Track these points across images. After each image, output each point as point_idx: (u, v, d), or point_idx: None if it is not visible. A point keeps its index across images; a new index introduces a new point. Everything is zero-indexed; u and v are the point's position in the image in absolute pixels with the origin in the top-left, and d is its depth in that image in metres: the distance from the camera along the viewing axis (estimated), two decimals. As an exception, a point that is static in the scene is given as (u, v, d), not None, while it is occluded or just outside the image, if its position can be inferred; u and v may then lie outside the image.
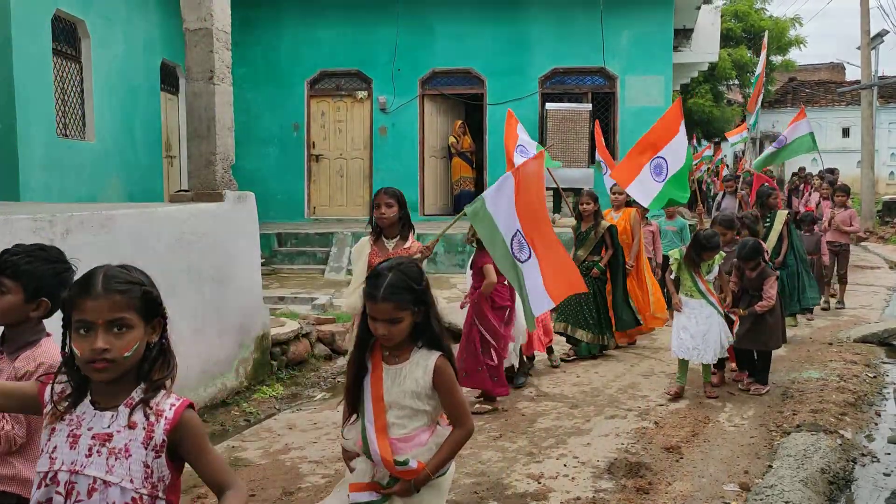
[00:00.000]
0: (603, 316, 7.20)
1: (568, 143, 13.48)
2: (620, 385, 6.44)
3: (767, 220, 8.23)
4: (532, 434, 5.28)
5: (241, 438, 5.32)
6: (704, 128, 25.22)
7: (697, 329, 5.93)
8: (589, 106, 13.96)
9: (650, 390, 6.30)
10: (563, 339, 7.38)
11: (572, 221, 7.63)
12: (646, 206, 7.69)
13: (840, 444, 4.95)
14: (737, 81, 28.26)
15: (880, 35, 21.19)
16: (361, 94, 14.81)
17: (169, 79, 12.81)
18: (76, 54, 10.23)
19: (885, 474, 4.77)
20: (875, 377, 6.72)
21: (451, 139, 14.99)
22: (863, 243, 17.93)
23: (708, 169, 22.58)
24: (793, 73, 33.57)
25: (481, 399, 5.85)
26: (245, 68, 13.38)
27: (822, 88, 34.88)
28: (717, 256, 5.98)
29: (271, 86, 14.67)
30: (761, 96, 12.19)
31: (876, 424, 5.64)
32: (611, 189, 8.19)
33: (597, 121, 11.96)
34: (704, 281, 5.98)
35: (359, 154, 14.92)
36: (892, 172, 32.62)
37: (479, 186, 14.39)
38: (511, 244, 4.80)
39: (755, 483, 4.38)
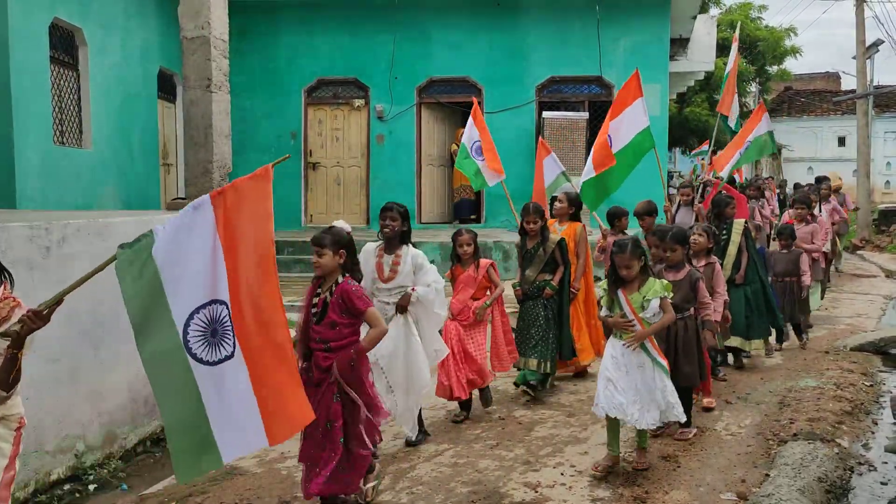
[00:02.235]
0: (553, 340, 6.24)
1: (565, 151, 13.48)
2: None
3: (724, 231, 7.16)
4: (529, 443, 5.27)
5: (237, 447, 5.29)
6: (700, 136, 25.29)
7: (628, 382, 4.62)
8: (586, 114, 13.98)
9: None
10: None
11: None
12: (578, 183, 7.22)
13: (837, 453, 4.94)
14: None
15: (876, 45, 21.29)
16: (358, 102, 14.82)
17: (166, 87, 12.82)
18: (74, 62, 10.23)
19: (882, 483, 4.77)
20: (872, 386, 6.73)
21: (453, 146, 15.00)
22: (859, 252, 17.97)
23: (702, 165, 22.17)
24: (789, 82, 33.71)
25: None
26: (242, 76, 13.39)
27: (817, 98, 35.02)
28: (656, 285, 4.65)
29: (268, 94, 14.68)
30: (736, 97, 10.67)
31: (873, 433, 5.64)
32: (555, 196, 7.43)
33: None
34: (640, 318, 4.63)
35: (356, 162, 14.93)
36: (887, 181, 32.71)
37: (478, 195, 14.41)
38: (186, 328, 2.95)
39: (752, 492, 4.38)
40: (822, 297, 9.85)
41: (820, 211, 9.97)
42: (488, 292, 5.87)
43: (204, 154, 6.38)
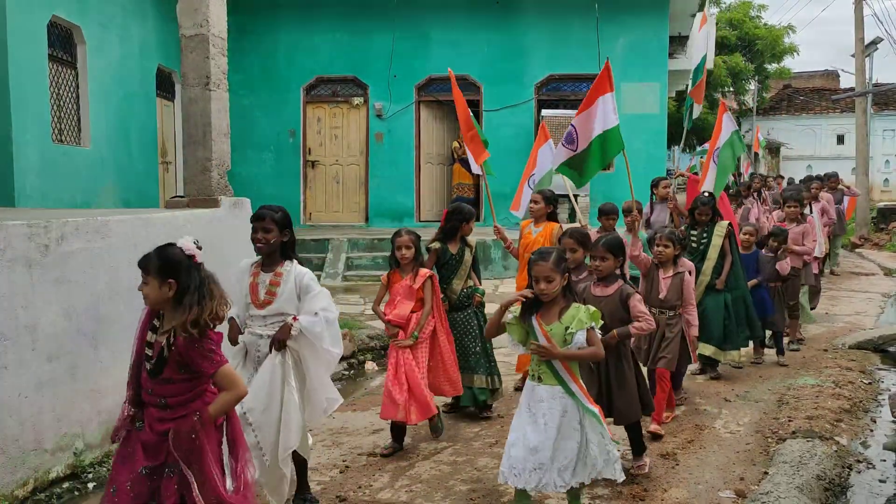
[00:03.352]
0: (492, 350, 5.75)
1: (564, 149, 13.50)
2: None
3: (705, 234, 6.69)
4: (528, 441, 5.27)
5: (236, 445, 5.29)
6: (699, 134, 25.30)
7: (544, 438, 3.64)
8: (585, 113, 13.97)
9: (646, 397, 6.28)
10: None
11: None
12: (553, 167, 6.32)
13: (836, 451, 4.95)
14: (732, 88, 28.39)
15: (874, 43, 21.29)
16: (357, 100, 14.82)
17: (165, 85, 12.81)
18: (72, 60, 10.22)
19: (880, 481, 4.77)
20: (870, 384, 6.73)
21: (455, 144, 15.01)
22: (858, 250, 17.97)
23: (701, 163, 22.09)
24: (787, 80, 33.72)
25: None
26: (241, 74, 13.39)
27: (816, 96, 35.02)
28: (581, 313, 3.67)
29: (267, 92, 14.68)
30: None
31: (871, 431, 5.64)
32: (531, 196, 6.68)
33: (543, 121, 9.50)
34: (559, 352, 3.64)
35: (355, 160, 14.93)
36: (886, 179, 32.73)
37: (479, 193, 14.41)
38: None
39: (751, 490, 4.38)
40: (813, 307, 9.07)
41: (811, 211, 9.26)
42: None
43: (203, 152, 6.36)
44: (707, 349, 6.60)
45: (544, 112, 13.92)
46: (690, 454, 4.99)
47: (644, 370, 5.10)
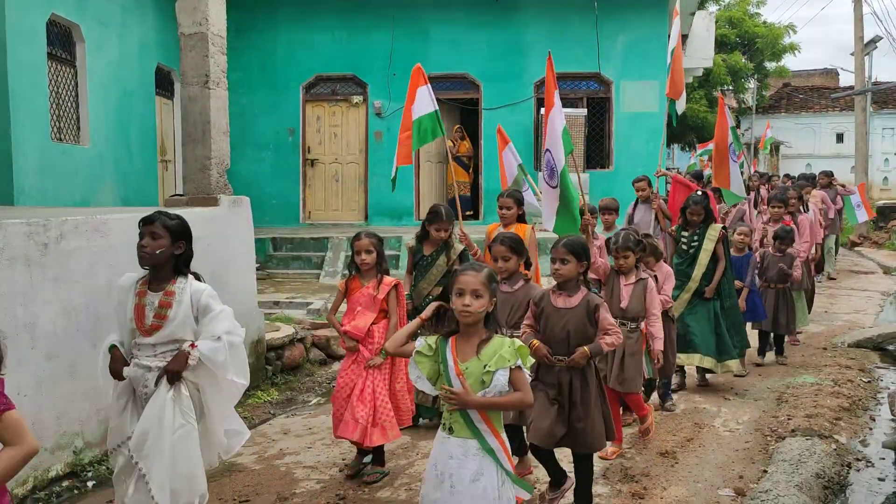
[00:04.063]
0: None
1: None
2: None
3: (696, 236, 6.32)
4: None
5: (236, 443, 5.29)
6: (699, 133, 25.31)
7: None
8: (584, 111, 13.99)
9: (645, 395, 6.29)
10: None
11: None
12: (549, 229, 5.67)
13: (835, 449, 4.95)
14: (731, 87, 28.39)
15: (874, 41, 21.31)
16: (357, 98, 14.81)
17: (164, 83, 12.80)
18: (71, 58, 10.21)
19: (879, 479, 4.78)
20: (869, 382, 6.74)
21: (448, 143, 15.00)
22: (857, 248, 17.98)
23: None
24: (787, 79, 33.74)
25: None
26: (240, 73, 13.36)
27: (816, 94, 35.06)
28: (505, 348, 2.96)
29: (266, 90, 14.66)
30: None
31: (870, 429, 5.65)
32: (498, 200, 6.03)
33: (499, 125, 8.19)
34: (475, 400, 2.93)
35: (354, 159, 14.92)
36: (885, 178, 32.76)
37: (475, 191, 14.41)
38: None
39: (750, 488, 4.39)
40: (808, 311, 8.72)
41: (807, 210, 8.95)
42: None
43: (202, 150, 6.35)
44: (692, 358, 6.27)
45: (543, 111, 13.90)
46: (690, 452, 4.99)
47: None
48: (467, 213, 14.69)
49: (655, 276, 5.33)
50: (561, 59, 14.27)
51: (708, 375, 6.57)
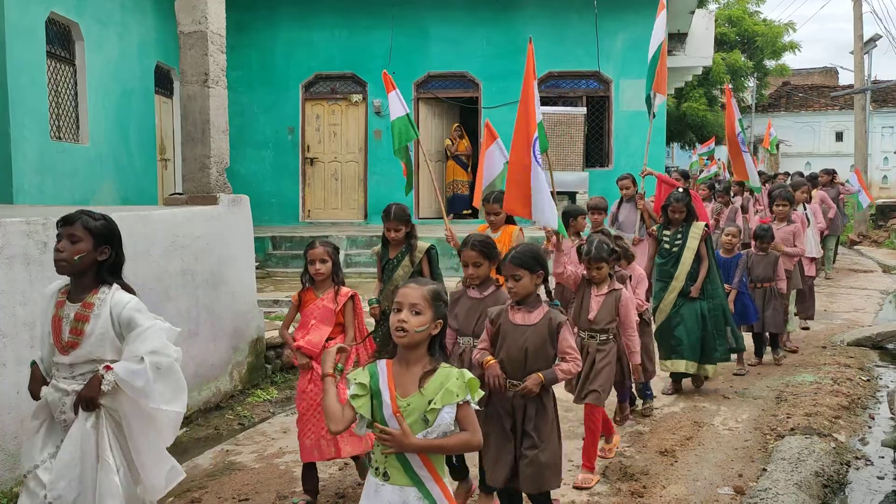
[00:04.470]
0: None
1: (562, 147, 13.50)
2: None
3: (679, 235, 6.10)
4: (527, 437, 5.27)
5: (235, 442, 5.30)
6: (698, 132, 25.30)
7: None
8: (583, 110, 13.99)
9: (645, 394, 6.29)
10: None
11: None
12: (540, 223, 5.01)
13: (834, 448, 4.95)
14: (731, 85, 28.38)
15: (873, 40, 21.31)
16: (356, 97, 14.81)
17: (163, 82, 12.80)
18: (70, 57, 10.20)
19: (878, 477, 4.78)
20: (869, 380, 6.74)
21: (447, 142, 15.02)
22: (856, 247, 17.99)
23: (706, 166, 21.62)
24: (787, 77, 33.74)
25: None
26: (240, 71, 13.37)
27: (815, 92, 35.06)
28: (452, 380, 2.54)
29: (266, 89, 14.66)
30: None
31: (870, 428, 5.65)
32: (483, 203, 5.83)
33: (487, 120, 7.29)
34: (414, 443, 2.52)
35: (353, 157, 14.92)
36: (885, 176, 32.78)
37: (474, 190, 14.39)
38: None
39: (749, 486, 4.39)
40: (810, 316, 8.59)
41: (805, 209, 8.66)
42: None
43: (201, 149, 6.35)
44: (678, 364, 6.11)
45: (543, 109, 13.83)
46: (689, 451, 4.99)
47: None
48: (465, 211, 14.69)
49: (630, 278, 5.18)
50: (560, 58, 14.41)
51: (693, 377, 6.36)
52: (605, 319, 4.60)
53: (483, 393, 2.65)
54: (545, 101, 14.38)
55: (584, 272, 4.73)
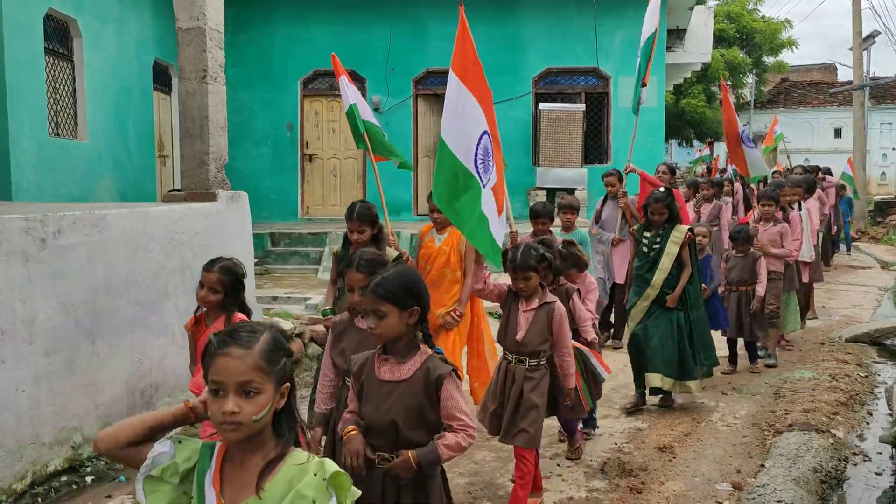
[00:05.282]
0: None
1: (561, 143, 13.50)
2: (614, 385, 6.43)
3: (659, 238, 5.64)
4: (525, 434, 5.27)
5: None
6: (697, 128, 25.31)
7: None
8: (582, 106, 13.98)
9: (643, 390, 6.29)
10: None
11: None
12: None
13: (832, 444, 4.97)
14: (730, 82, 28.39)
15: (872, 36, 21.31)
16: (355, 93, 14.79)
17: (162, 78, 12.77)
18: (68, 53, 10.18)
19: (876, 473, 4.79)
20: (867, 377, 6.75)
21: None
22: (855, 243, 18.01)
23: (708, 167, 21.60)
24: (785, 73, 33.74)
25: None
26: (238, 68, 13.34)
27: (814, 89, 35.03)
28: (307, 476, 1.78)
29: (264, 85, 14.64)
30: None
31: (867, 424, 5.66)
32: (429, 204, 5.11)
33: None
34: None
35: (352, 154, 14.90)
36: (883, 173, 32.77)
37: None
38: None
39: (748, 482, 4.40)
40: (802, 317, 8.07)
41: (799, 208, 8.08)
42: None
43: (200, 146, 6.35)
44: (653, 379, 5.60)
45: (542, 106, 13.90)
46: (687, 447, 5.00)
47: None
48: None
49: (578, 290, 4.61)
50: (559, 54, 14.40)
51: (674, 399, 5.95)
52: (535, 341, 3.86)
53: (358, 493, 1.82)
54: (544, 98, 14.40)
55: (511, 284, 3.98)
